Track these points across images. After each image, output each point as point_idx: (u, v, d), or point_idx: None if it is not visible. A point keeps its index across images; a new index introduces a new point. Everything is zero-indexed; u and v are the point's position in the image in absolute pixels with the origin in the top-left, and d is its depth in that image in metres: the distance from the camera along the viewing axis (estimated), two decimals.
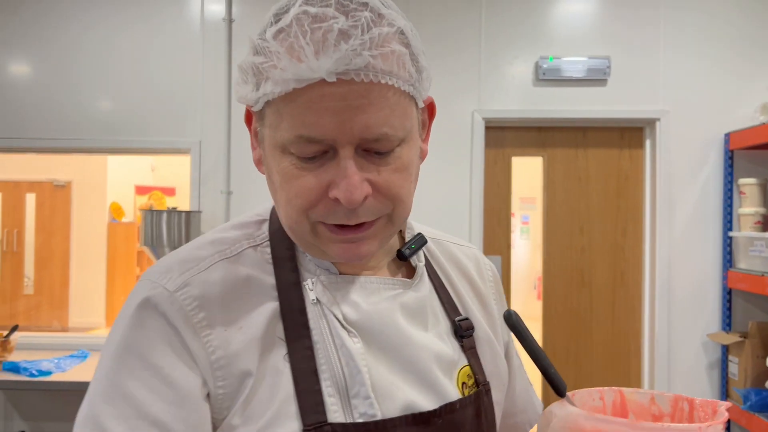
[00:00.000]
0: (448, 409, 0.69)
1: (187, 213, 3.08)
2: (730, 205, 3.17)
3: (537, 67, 3.24)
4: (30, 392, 3.28)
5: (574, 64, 3.22)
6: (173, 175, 7.94)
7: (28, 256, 7.29)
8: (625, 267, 3.36)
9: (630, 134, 3.36)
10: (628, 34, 3.25)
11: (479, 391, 0.73)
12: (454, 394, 0.70)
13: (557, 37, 3.27)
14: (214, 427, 0.64)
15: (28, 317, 7.10)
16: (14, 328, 3.09)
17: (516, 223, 2.94)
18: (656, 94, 3.25)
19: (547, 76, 3.22)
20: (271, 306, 0.67)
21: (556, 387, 0.70)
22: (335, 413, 0.63)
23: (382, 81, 0.60)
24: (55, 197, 7.26)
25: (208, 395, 0.64)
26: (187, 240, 3.05)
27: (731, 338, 3.02)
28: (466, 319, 0.77)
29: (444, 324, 0.75)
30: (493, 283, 0.86)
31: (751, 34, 3.23)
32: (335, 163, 0.61)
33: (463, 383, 0.72)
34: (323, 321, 0.67)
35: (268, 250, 0.71)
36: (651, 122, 3.28)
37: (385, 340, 0.68)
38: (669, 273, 3.21)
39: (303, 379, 0.64)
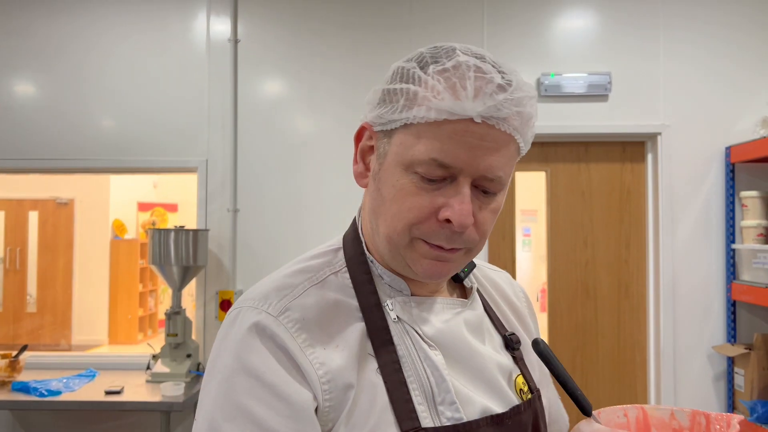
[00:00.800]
0: (515, 411, 0.78)
1: (195, 231, 3.10)
2: (733, 218, 3.20)
3: (538, 83, 3.28)
4: (38, 412, 3.29)
5: (575, 80, 3.27)
6: (175, 192, 7.97)
7: (30, 274, 7.29)
8: (629, 280, 3.38)
9: (632, 148, 3.40)
10: (629, 50, 3.30)
11: (534, 396, 0.82)
12: (515, 399, 0.79)
13: (558, 53, 3.32)
14: None
15: (31, 336, 7.09)
16: (23, 348, 3.10)
17: (517, 236, 3.01)
18: (657, 109, 3.29)
19: (548, 93, 3.27)
20: (359, 326, 0.75)
21: (582, 407, 0.78)
22: (425, 419, 0.71)
23: (513, 134, 0.71)
24: (58, 215, 7.28)
25: (316, 409, 0.70)
26: (195, 258, 3.07)
27: (736, 350, 3.03)
28: (513, 333, 0.87)
29: (496, 338, 0.85)
30: (526, 303, 0.97)
31: (751, 48, 3.28)
32: (452, 189, 0.70)
33: (520, 390, 0.81)
34: (406, 337, 0.75)
35: (347, 275, 0.79)
36: (652, 136, 3.32)
37: (458, 352, 0.77)
38: (673, 285, 3.24)
39: (395, 390, 0.72)
